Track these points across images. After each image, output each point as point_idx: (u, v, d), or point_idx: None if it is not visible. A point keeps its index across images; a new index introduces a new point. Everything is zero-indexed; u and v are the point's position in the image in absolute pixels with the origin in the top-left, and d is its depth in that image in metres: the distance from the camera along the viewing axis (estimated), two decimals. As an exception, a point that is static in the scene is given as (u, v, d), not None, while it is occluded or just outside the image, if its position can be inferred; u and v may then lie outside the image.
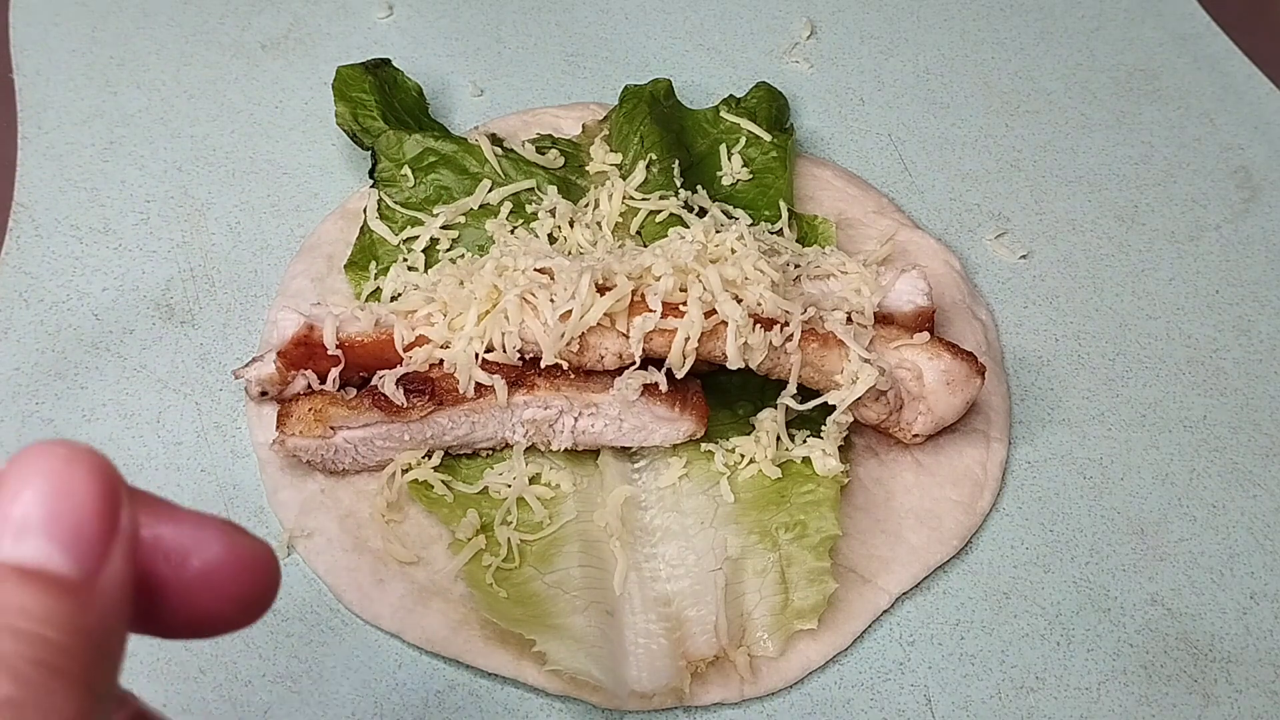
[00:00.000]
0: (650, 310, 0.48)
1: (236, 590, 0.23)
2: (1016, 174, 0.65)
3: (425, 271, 0.55)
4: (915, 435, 0.51)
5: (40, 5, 0.70)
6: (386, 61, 0.64)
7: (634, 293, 0.49)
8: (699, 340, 0.48)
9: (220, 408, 0.54)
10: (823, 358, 0.49)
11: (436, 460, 0.51)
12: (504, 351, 0.49)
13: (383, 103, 0.61)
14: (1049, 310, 0.59)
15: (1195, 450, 0.55)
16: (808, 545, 0.48)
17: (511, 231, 0.57)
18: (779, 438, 0.51)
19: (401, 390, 0.49)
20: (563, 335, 0.48)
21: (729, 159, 0.61)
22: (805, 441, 0.51)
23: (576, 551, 0.48)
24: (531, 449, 0.51)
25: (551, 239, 0.56)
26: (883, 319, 0.52)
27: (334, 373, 0.50)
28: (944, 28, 0.72)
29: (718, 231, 0.53)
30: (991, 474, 0.53)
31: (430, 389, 0.49)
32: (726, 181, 0.60)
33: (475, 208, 0.58)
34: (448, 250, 0.57)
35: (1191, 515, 0.53)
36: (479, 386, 0.49)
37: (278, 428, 0.50)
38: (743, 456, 0.51)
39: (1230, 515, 0.53)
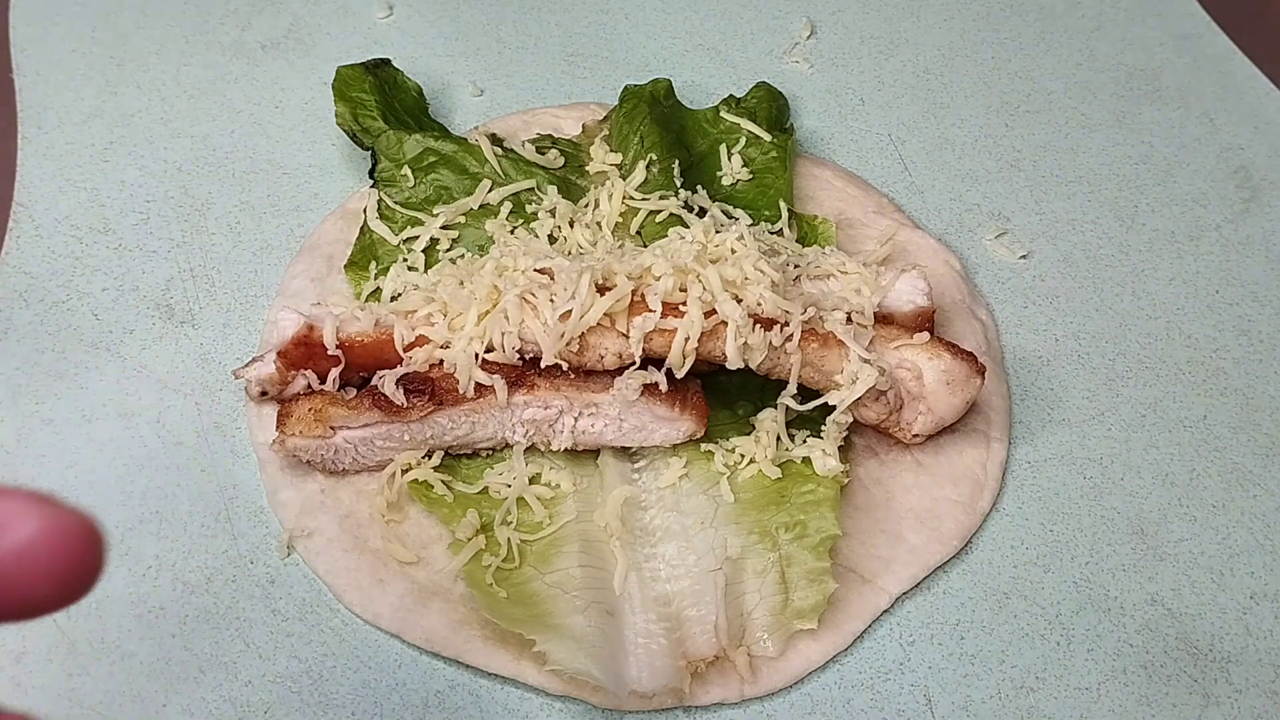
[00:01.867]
0: (650, 310, 0.48)
1: (54, 567, 0.21)
2: (1016, 174, 0.65)
3: (425, 272, 0.55)
4: (915, 435, 0.51)
5: (40, 5, 0.70)
6: (386, 61, 0.64)
7: (634, 293, 0.49)
8: (699, 340, 0.48)
9: (220, 408, 0.54)
10: (823, 358, 0.49)
11: (436, 460, 0.51)
12: (504, 351, 0.49)
13: (383, 103, 0.61)
14: (1049, 310, 0.59)
15: (1195, 450, 0.55)
16: (808, 545, 0.48)
17: (511, 232, 0.57)
18: (779, 438, 0.51)
19: (401, 390, 0.49)
20: (563, 335, 0.48)
21: (729, 159, 0.61)
22: (805, 441, 0.51)
23: (576, 551, 0.48)
24: (531, 449, 0.51)
25: (551, 239, 0.56)
26: (883, 319, 0.52)
27: (334, 373, 0.50)
28: (944, 28, 0.72)
29: (718, 231, 0.53)
30: (991, 474, 0.53)
31: (430, 389, 0.49)
32: (726, 181, 0.60)
33: (475, 208, 0.58)
34: (448, 250, 0.57)
35: (1191, 515, 0.53)
36: (479, 386, 0.49)
37: (278, 428, 0.50)
38: (743, 456, 0.51)
39: (1230, 515, 0.53)
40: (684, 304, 0.48)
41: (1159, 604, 0.50)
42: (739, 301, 0.49)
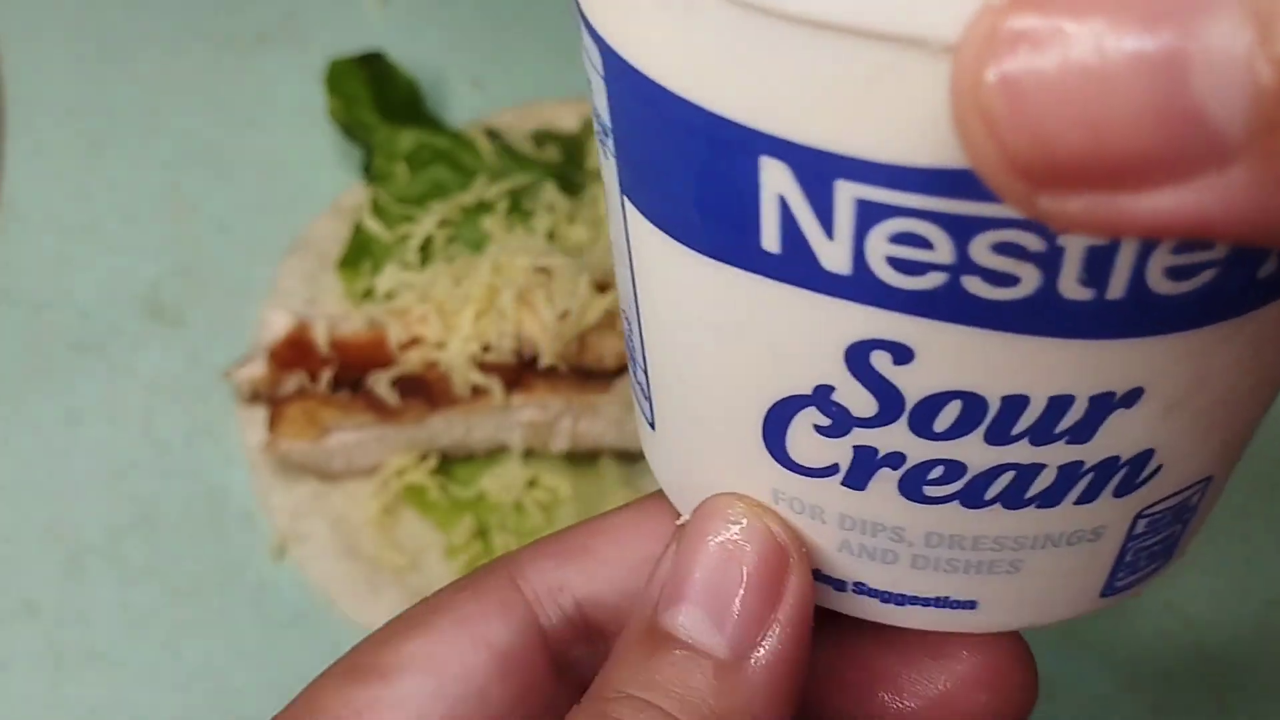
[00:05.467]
0: (651, 309, 0.47)
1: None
2: (1024, 169, 0.64)
3: (420, 270, 0.55)
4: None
5: (27, -2, 0.69)
6: (381, 55, 0.63)
7: (634, 291, 0.48)
8: (701, 340, 0.47)
9: (210, 409, 0.53)
10: (828, 358, 0.49)
11: (432, 463, 0.50)
12: (501, 352, 0.48)
13: (377, 97, 0.60)
14: (1058, 308, 0.59)
15: (1210, 452, 0.54)
16: (813, 550, 0.48)
17: (509, 229, 0.56)
18: (783, 439, 0.50)
19: (395, 391, 0.48)
20: (561, 335, 0.47)
21: (731, 154, 0.60)
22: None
23: (576, 557, 0.48)
24: (529, 451, 0.50)
25: (550, 236, 0.56)
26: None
27: (326, 373, 0.50)
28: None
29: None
30: (1001, 476, 0.52)
31: (425, 390, 0.49)
32: (728, 177, 0.59)
33: (471, 204, 0.57)
34: (443, 248, 0.56)
35: (1209, 520, 0.52)
36: (475, 388, 0.48)
37: (269, 429, 0.49)
38: (746, 458, 0.50)
39: (1249, 520, 0.52)
40: (686, 303, 0.48)
41: (1174, 610, 0.49)
42: (742, 300, 0.48)
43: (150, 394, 0.53)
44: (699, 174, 0.17)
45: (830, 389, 0.18)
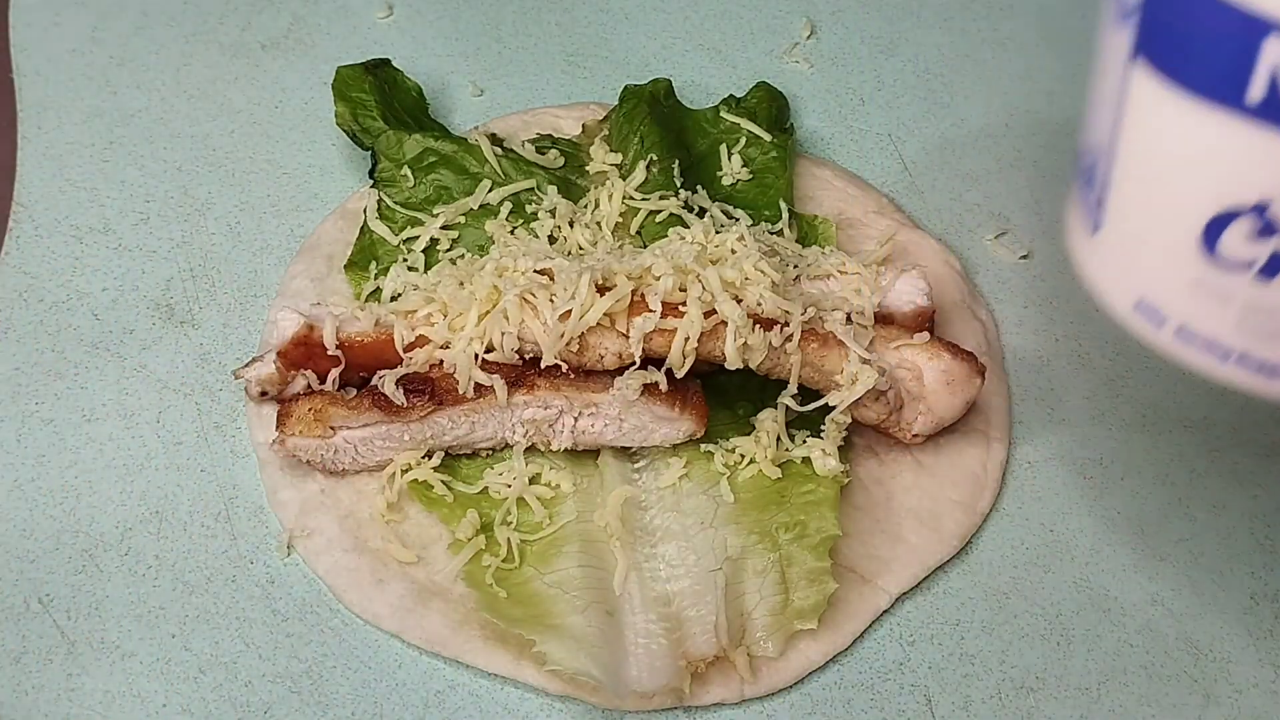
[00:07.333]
0: (650, 310, 0.48)
1: None
2: (1016, 174, 0.65)
3: (425, 272, 0.55)
4: (915, 435, 0.51)
5: (40, 5, 0.70)
6: (386, 61, 0.64)
7: (634, 293, 0.49)
8: (699, 340, 0.48)
9: (220, 408, 0.54)
10: (823, 358, 0.49)
11: (436, 460, 0.51)
12: (503, 352, 0.49)
13: (382, 103, 0.61)
14: (1049, 310, 0.59)
15: (1195, 450, 0.55)
16: (808, 545, 0.48)
17: (511, 232, 0.57)
18: (779, 438, 0.51)
19: (401, 390, 0.49)
20: (562, 335, 0.48)
21: (729, 159, 0.61)
22: (805, 441, 0.51)
23: (576, 551, 0.48)
24: (531, 449, 0.51)
25: (551, 239, 0.56)
26: (883, 319, 0.52)
27: (334, 373, 0.50)
28: (944, 28, 0.72)
29: (718, 232, 0.53)
30: (991, 474, 0.53)
31: (430, 389, 0.49)
32: (726, 181, 0.60)
33: (475, 208, 0.58)
34: (448, 250, 0.57)
35: (1192, 515, 0.53)
36: (479, 386, 0.49)
37: (278, 428, 0.50)
38: (743, 456, 0.51)
39: (1231, 515, 0.53)
40: (684, 304, 0.48)
41: (1159, 604, 0.50)
42: (739, 302, 0.49)
43: (162, 392, 0.54)
44: (1218, 43, 0.27)
45: (1267, 205, 0.28)
